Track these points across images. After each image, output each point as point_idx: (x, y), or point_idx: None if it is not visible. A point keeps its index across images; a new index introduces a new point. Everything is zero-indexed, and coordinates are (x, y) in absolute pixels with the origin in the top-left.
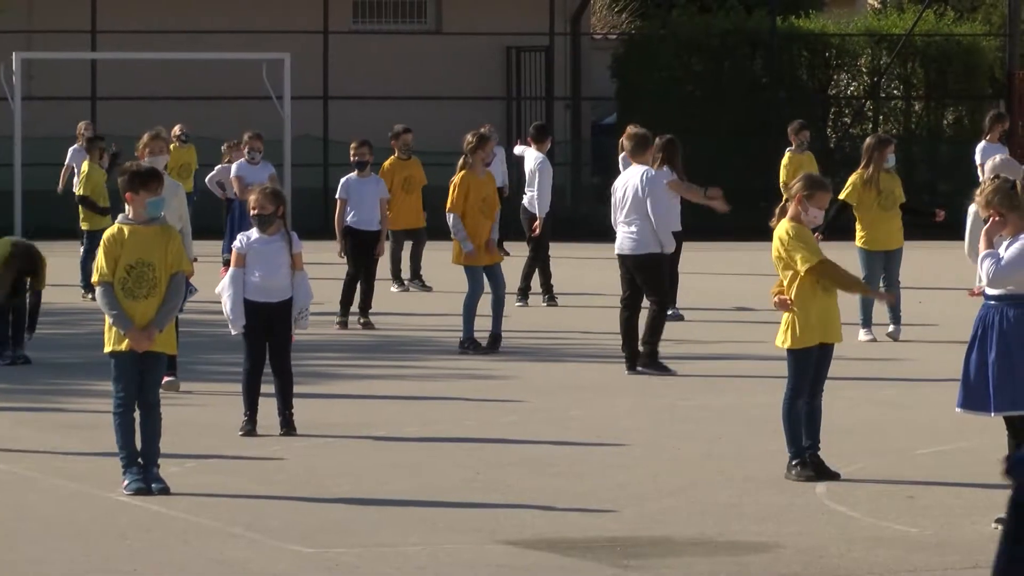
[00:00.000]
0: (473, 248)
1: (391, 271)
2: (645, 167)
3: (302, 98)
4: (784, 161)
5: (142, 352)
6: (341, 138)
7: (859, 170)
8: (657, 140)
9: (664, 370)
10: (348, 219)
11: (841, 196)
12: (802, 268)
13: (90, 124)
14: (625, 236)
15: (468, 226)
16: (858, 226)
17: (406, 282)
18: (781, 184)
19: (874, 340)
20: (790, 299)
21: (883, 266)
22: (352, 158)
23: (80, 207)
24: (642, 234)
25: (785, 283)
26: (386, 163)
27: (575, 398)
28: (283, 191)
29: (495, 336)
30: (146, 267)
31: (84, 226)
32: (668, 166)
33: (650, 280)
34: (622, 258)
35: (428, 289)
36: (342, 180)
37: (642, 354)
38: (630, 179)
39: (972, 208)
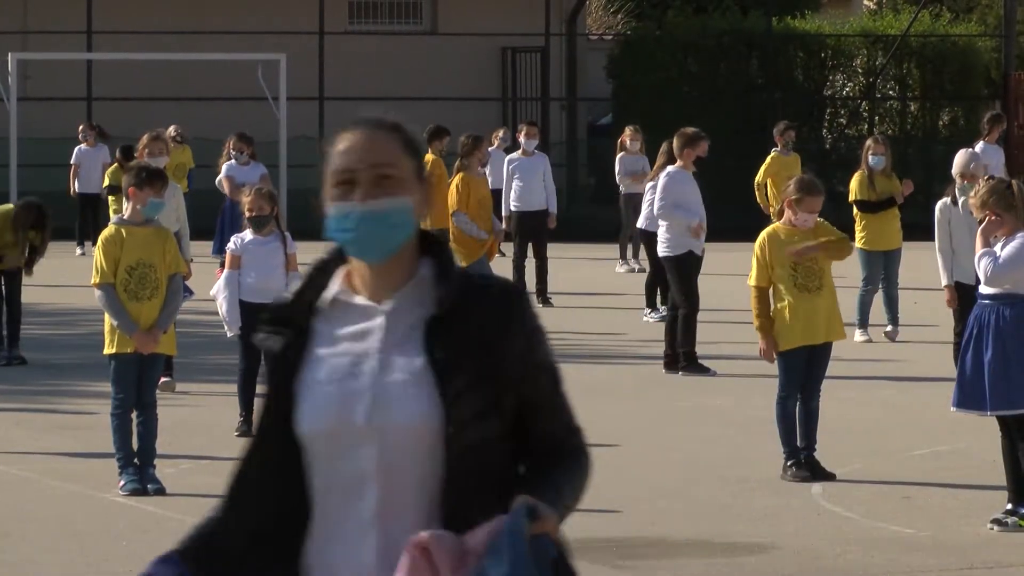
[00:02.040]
0: (487, 234)
1: None
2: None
3: (298, 99)
4: (766, 162)
5: (144, 353)
6: None
7: (861, 171)
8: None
9: (704, 370)
10: None
11: (860, 197)
12: (749, 282)
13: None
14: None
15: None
16: (857, 226)
17: None
18: (755, 184)
19: (870, 340)
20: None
21: (882, 266)
22: None
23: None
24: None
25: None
26: (432, 160)
27: (571, 399)
28: (275, 192)
29: None
30: (148, 268)
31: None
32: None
33: (671, 282)
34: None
35: None
36: None
37: (682, 357)
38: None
39: (940, 204)
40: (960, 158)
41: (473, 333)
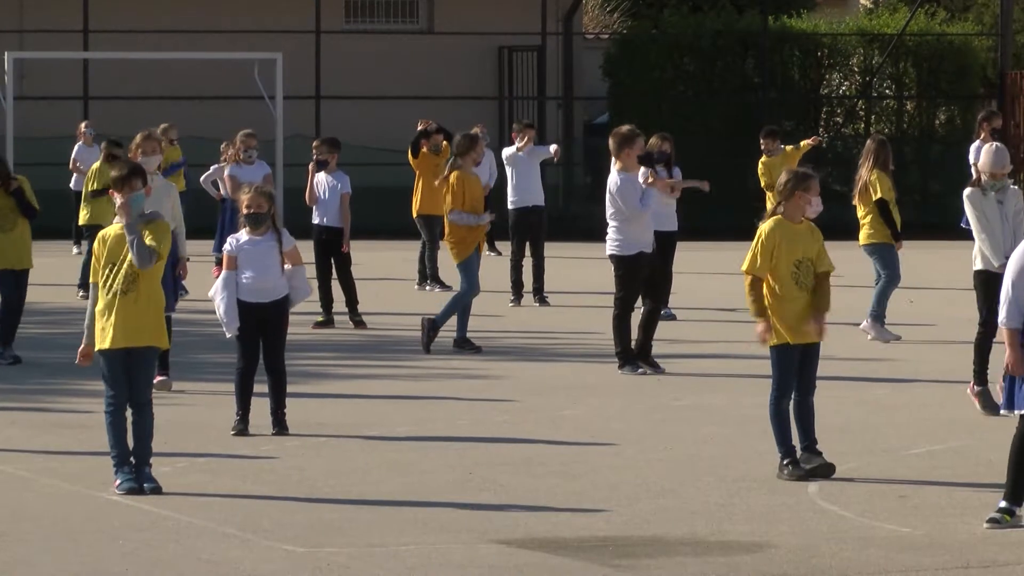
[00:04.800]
0: (486, 217)
1: (430, 271)
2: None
3: (294, 98)
4: (759, 169)
5: (127, 349)
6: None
7: (878, 171)
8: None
9: (637, 367)
10: (314, 218)
11: (883, 195)
12: (742, 267)
13: (90, 123)
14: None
15: (464, 226)
16: (874, 221)
17: (427, 285)
18: (765, 187)
19: (899, 338)
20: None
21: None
22: (315, 157)
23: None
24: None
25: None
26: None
27: (567, 398)
28: (274, 191)
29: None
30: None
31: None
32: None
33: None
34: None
35: (448, 288)
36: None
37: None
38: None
39: (969, 192)
40: (996, 156)
41: None
